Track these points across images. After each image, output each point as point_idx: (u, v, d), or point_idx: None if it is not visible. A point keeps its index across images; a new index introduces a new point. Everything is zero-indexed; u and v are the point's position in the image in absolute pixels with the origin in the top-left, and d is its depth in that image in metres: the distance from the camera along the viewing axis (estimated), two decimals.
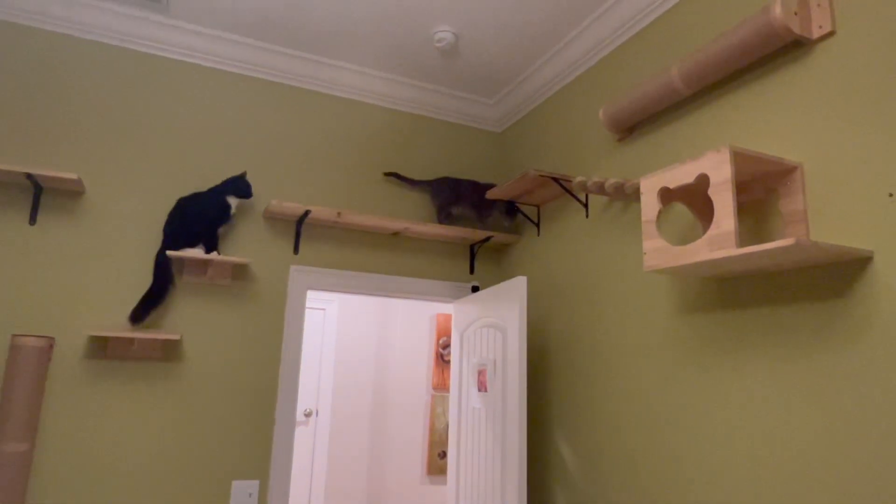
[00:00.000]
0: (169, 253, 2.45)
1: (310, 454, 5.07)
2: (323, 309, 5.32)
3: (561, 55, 2.78)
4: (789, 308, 1.66)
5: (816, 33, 1.68)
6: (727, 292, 1.86)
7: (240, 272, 2.70)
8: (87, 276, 2.46)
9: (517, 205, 3.04)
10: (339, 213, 2.76)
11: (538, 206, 2.96)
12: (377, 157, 3.11)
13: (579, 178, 2.32)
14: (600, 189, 2.27)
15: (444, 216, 3.04)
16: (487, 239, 3.07)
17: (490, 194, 2.85)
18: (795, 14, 1.67)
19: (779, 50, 1.79)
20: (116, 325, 2.46)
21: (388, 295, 3.04)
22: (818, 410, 1.56)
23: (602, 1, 2.44)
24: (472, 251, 3.20)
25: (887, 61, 1.51)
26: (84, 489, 2.32)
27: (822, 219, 1.61)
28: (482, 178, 3.34)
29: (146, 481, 2.41)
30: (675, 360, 2.03)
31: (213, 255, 2.51)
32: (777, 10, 1.66)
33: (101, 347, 2.43)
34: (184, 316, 2.57)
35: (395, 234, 3.03)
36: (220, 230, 2.62)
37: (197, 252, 2.50)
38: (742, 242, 1.83)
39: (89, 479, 2.33)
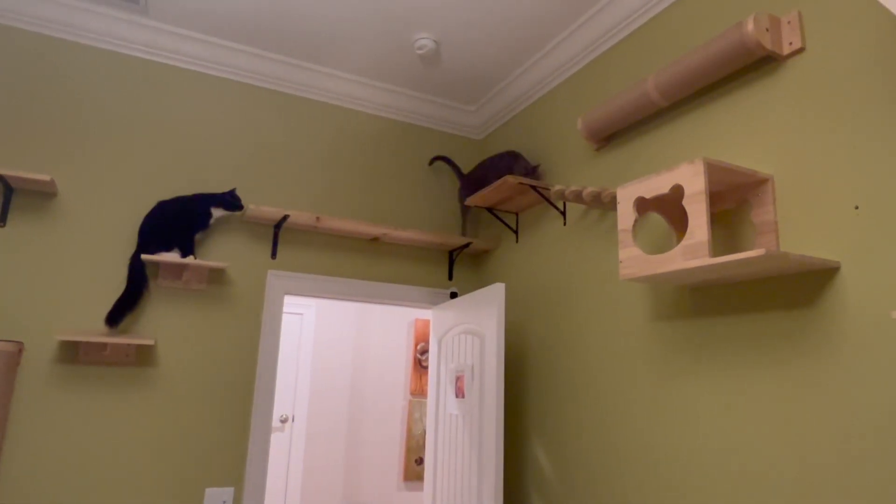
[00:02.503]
0: (144, 257, 2.42)
1: (285, 461, 5.02)
2: (300, 314, 5.29)
3: (541, 64, 2.82)
4: (760, 317, 1.70)
5: (787, 49, 1.72)
6: (701, 300, 1.90)
7: (216, 276, 2.67)
8: (59, 279, 2.41)
9: (495, 212, 3.06)
10: (317, 218, 2.75)
11: (517, 214, 2.99)
12: (357, 163, 3.11)
13: (557, 187, 2.35)
14: (578, 197, 2.30)
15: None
16: (466, 245, 3.08)
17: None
18: (767, 30, 1.72)
19: (751, 65, 1.84)
20: (89, 329, 2.42)
21: (366, 300, 3.04)
22: (787, 418, 1.59)
23: (582, 12, 2.48)
24: (451, 257, 3.22)
25: (854, 78, 1.56)
26: (53, 496, 2.27)
27: (791, 230, 1.66)
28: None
29: (117, 489, 2.36)
30: (650, 366, 2.06)
31: (189, 260, 2.48)
32: (750, 26, 1.70)
33: (73, 352, 2.38)
34: (158, 321, 2.54)
35: (374, 239, 3.03)
36: (198, 236, 2.60)
37: (172, 256, 2.48)
38: (715, 252, 1.87)
39: (58, 486, 2.28)
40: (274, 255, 2.81)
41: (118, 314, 2.40)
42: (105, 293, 2.46)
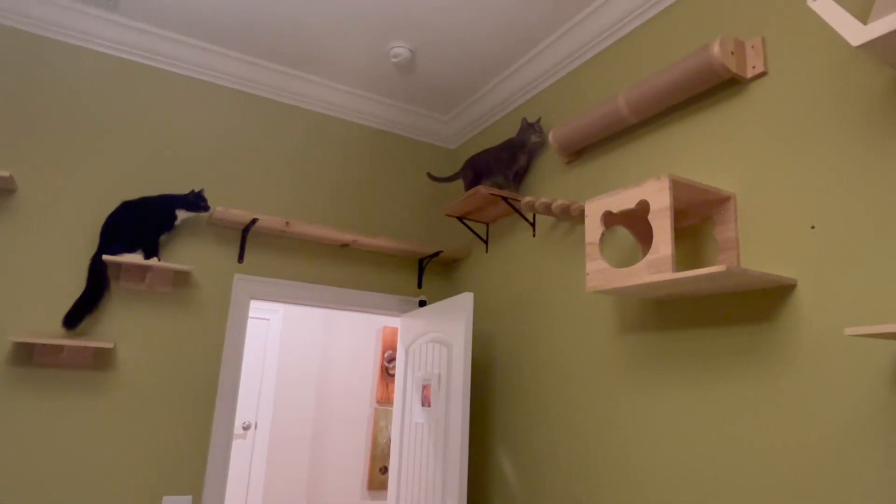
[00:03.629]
0: (105, 257, 2.36)
1: (247, 469, 4.92)
2: (267, 319, 5.21)
3: (514, 77, 2.85)
4: (722, 331, 1.75)
5: (750, 73, 1.78)
6: (665, 313, 1.94)
7: (181, 279, 2.62)
8: (16, 278, 2.34)
9: (466, 222, 3.08)
10: (287, 223, 2.72)
11: (487, 224, 3.01)
12: (329, 168, 3.09)
13: (527, 198, 2.37)
14: (547, 210, 2.32)
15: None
16: (437, 254, 3.09)
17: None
18: (732, 54, 1.78)
19: (717, 86, 1.89)
20: (45, 331, 2.34)
21: (334, 307, 3.02)
22: (747, 429, 1.63)
23: (557, 26, 2.52)
24: (421, 265, 3.22)
25: (812, 102, 1.62)
26: (4, 502, 2.19)
27: (752, 247, 1.71)
28: (435, 194, 3.37)
29: (71, 496, 2.29)
30: (615, 377, 2.09)
31: (153, 262, 2.43)
32: (716, 49, 1.76)
33: (27, 354, 2.30)
34: (119, 323, 2.47)
35: (344, 245, 3.01)
36: (163, 237, 2.54)
37: (135, 258, 2.42)
38: (678, 267, 1.91)
39: (9, 493, 2.20)
40: (241, 258, 2.77)
41: (77, 316, 2.33)
42: (64, 294, 2.39)
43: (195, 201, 2.56)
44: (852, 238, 1.47)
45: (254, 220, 2.67)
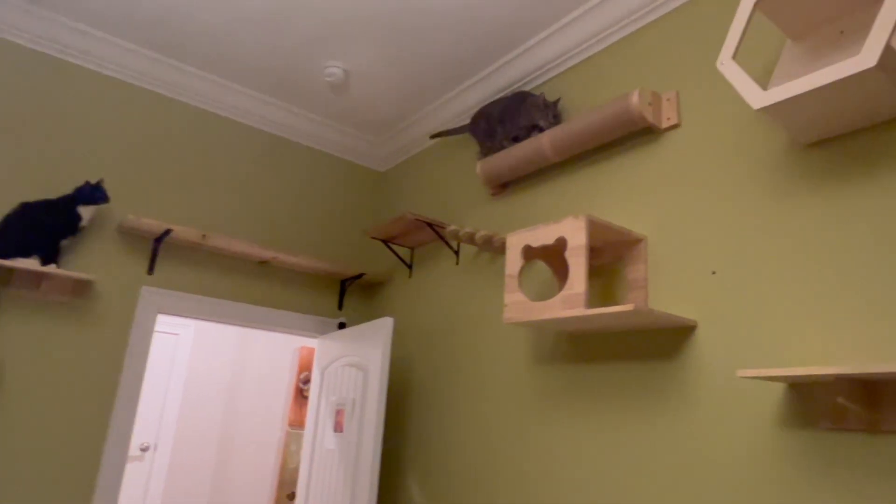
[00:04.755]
0: None
1: (142, 493, 4.61)
2: (176, 334, 4.96)
3: (447, 107, 2.90)
4: (629, 366, 1.82)
5: (665, 124, 1.90)
6: (578, 347, 2.00)
7: (82, 289, 2.45)
8: None
9: (391, 245, 3.07)
10: (204, 236, 2.62)
11: (412, 249, 3.01)
12: (252, 182, 3.01)
13: (452, 227, 2.40)
14: (471, 239, 2.36)
15: (490, 152, 2.55)
16: (359, 276, 3.06)
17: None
18: (650, 104, 1.89)
19: (634, 133, 2.00)
20: None
21: (250, 325, 2.91)
22: (649, 461, 1.70)
23: (490, 63, 2.59)
24: (343, 287, 3.17)
25: (719, 156, 1.74)
26: None
27: (660, 288, 1.80)
28: (361, 216, 3.34)
29: None
30: (528, 407, 2.12)
31: (51, 268, 2.26)
32: (635, 99, 1.86)
33: None
34: (7, 333, 2.28)
35: (264, 262, 2.93)
36: (64, 242, 2.38)
37: (30, 263, 2.24)
38: (591, 303, 1.98)
39: None
40: (151, 270, 2.63)
41: None
42: None
43: (91, 193, 2.38)
44: (749, 285, 1.58)
45: (167, 231, 2.55)
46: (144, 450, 4.67)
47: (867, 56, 1.19)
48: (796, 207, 1.53)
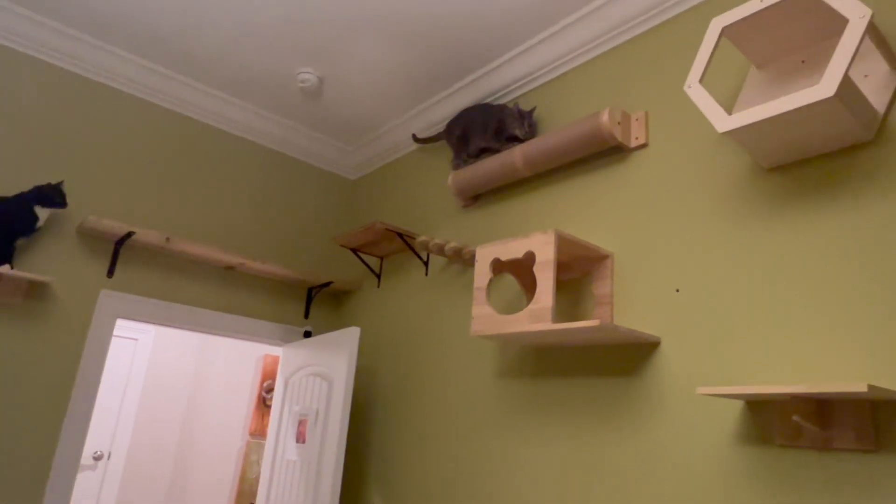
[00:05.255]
0: None
1: (94, 503, 4.45)
2: (135, 339, 4.83)
3: (420, 117, 2.90)
4: (594, 381, 1.84)
5: (633, 143, 1.93)
6: (543, 361, 2.01)
7: (38, 291, 2.37)
8: None
9: (360, 254, 3.05)
10: (167, 239, 2.56)
11: (381, 258, 3.00)
12: (221, 186, 2.95)
13: (422, 238, 2.40)
14: (440, 251, 2.36)
15: (462, 162, 2.55)
16: (327, 284, 3.03)
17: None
18: (619, 124, 1.92)
19: (604, 151, 2.03)
20: None
21: (213, 332, 2.85)
22: (608, 476, 1.71)
23: (464, 76, 2.61)
24: (310, 295, 3.13)
25: (685, 176, 1.78)
26: None
27: (625, 304, 1.82)
28: (331, 224, 3.32)
29: None
30: (493, 420, 2.12)
31: (5, 269, 2.18)
32: (605, 118, 1.89)
33: None
34: None
35: (230, 268, 2.87)
36: (20, 242, 2.29)
37: None
38: (558, 318, 2.00)
39: None
40: (111, 273, 2.56)
41: None
42: None
43: (49, 194, 2.30)
44: (711, 304, 1.61)
45: (129, 233, 2.48)
46: (98, 458, 4.51)
47: (826, 86, 1.24)
48: (758, 229, 1.57)
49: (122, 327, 4.75)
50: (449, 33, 2.35)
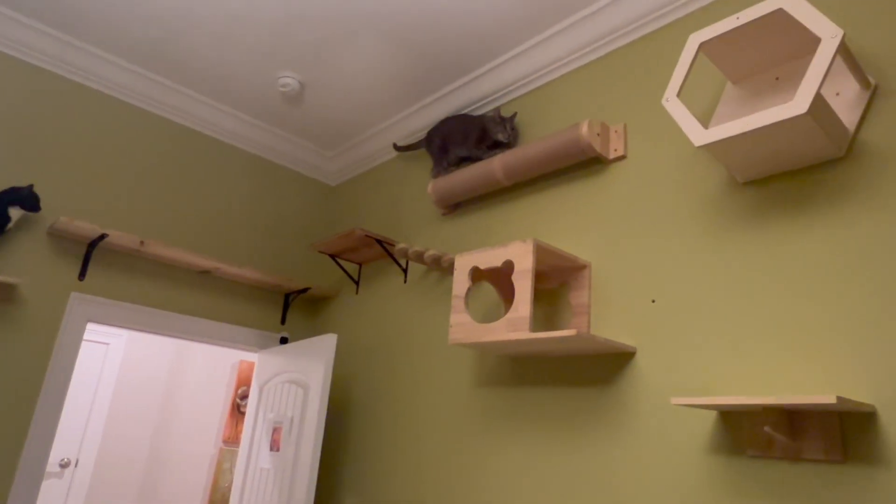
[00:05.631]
0: None
1: None
2: (106, 343, 4.73)
3: (401, 125, 2.90)
4: (570, 390, 1.84)
5: (612, 155, 1.96)
6: (521, 370, 2.01)
7: (5, 293, 2.31)
8: None
9: (339, 260, 3.03)
10: (141, 242, 2.52)
11: (360, 265, 2.98)
12: (197, 189, 2.92)
13: (401, 245, 2.39)
14: (419, 258, 2.35)
15: (442, 170, 2.55)
16: (304, 290, 3.00)
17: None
18: (598, 135, 1.94)
19: (582, 163, 2.05)
20: None
21: (187, 337, 2.80)
22: (584, 486, 1.71)
23: (447, 84, 2.61)
24: (287, 300, 3.10)
25: (662, 189, 1.81)
26: None
27: (602, 314, 1.84)
28: (309, 229, 3.29)
29: None
30: (469, 431, 2.12)
31: None
32: (584, 129, 1.91)
33: None
34: None
35: (205, 272, 2.83)
36: None
37: None
38: (535, 327, 2.00)
39: None
40: (82, 276, 2.50)
41: None
42: None
43: (30, 198, 2.27)
44: (686, 315, 1.63)
45: (103, 236, 2.44)
46: (64, 466, 4.40)
47: (799, 103, 1.27)
48: (732, 242, 1.59)
49: (94, 331, 4.65)
50: (430, 42, 2.36)
